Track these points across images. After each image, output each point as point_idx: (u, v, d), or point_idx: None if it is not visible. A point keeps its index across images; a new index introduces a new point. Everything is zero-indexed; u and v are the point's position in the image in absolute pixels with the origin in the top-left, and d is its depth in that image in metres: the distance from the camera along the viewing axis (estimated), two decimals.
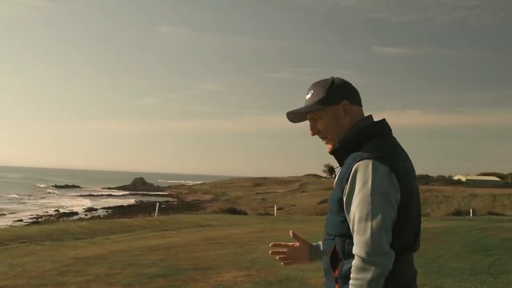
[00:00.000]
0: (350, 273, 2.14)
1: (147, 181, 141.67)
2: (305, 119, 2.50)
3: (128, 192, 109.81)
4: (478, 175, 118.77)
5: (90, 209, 61.56)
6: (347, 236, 2.20)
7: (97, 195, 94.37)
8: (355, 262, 2.12)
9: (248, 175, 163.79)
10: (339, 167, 2.38)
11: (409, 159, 2.37)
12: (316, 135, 2.46)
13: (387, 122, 2.43)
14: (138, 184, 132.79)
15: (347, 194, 2.18)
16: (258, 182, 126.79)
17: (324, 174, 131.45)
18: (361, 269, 2.08)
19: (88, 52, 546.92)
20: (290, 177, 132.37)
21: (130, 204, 74.22)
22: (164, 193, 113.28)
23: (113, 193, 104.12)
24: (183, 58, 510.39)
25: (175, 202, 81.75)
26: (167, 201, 79.01)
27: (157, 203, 28.66)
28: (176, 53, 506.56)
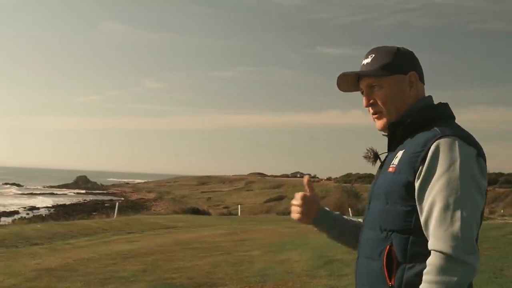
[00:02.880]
0: (415, 280, 1.69)
1: (91, 179, 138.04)
2: (357, 89, 2.09)
3: (71, 191, 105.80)
4: None
5: (32, 208, 58.90)
6: (413, 232, 1.74)
7: (39, 194, 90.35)
8: (434, 260, 1.62)
9: (193, 174, 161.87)
10: (386, 153, 2.03)
11: None
12: (370, 108, 2.03)
13: (449, 107, 2.00)
14: (81, 183, 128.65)
15: (423, 177, 1.73)
16: (203, 180, 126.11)
17: (268, 172, 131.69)
18: (445, 270, 1.59)
19: (29, 47, 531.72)
20: (235, 175, 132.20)
21: (73, 203, 71.70)
22: (108, 191, 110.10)
23: (55, 192, 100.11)
24: (126, 55, 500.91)
25: (120, 201, 79.30)
26: (111, 200, 76.66)
27: (116, 203, 26.43)
28: (119, 50, 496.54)
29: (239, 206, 35.94)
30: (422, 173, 1.75)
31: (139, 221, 21.88)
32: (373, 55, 2.05)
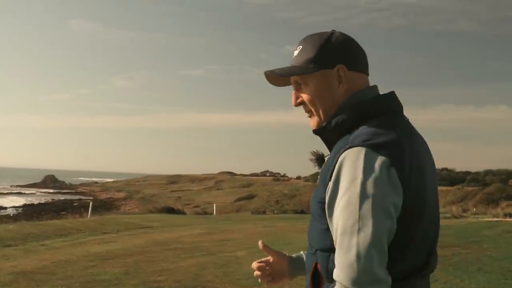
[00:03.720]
0: None
1: (60, 178, 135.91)
2: (289, 83, 1.87)
3: (39, 190, 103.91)
4: None
5: None
6: (332, 250, 1.57)
7: (6, 193, 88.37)
8: None
9: (162, 173, 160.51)
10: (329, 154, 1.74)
11: (426, 148, 1.72)
12: (301, 107, 1.83)
13: (396, 96, 1.76)
14: (49, 182, 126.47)
15: (330, 195, 1.55)
16: (173, 179, 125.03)
17: (237, 171, 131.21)
18: None
19: None
20: (205, 174, 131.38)
21: (41, 202, 70.70)
22: (77, 191, 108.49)
23: (23, 191, 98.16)
24: (96, 53, 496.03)
25: (88, 200, 78.19)
26: (80, 199, 75.68)
27: (90, 203, 25.67)
28: (88, 48, 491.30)
29: (214, 205, 35.38)
30: (329, 191, 1.57)
31: (114, 221, 21.24)
32: (300, 47, 1.83)
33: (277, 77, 1.88)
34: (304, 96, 1.80)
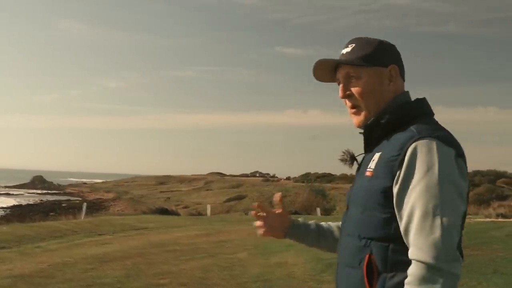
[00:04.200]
0: None
1: (47, 179, 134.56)
2: (333, 79, 1.97)
3: (27, 191, 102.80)
4: None
5: None
6: (393, 239, 1.66)
7: None
8: (415, 270, 1.55)
9: (151, 173, 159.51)
10: (362, 154, 1.95)
11: None
12: (346, 100, 1.92)
13: (427, 101, 1.91)
14: (38, 183, 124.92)
15: (402, 183, 1.65)
16: (162, 180, 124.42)
17: (226, 171, 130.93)
18: (427, 280, 1.52)
19: None
20: (194, 175, 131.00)
21: (30, 203, 69.71)
22: (65, 191, 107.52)
23: (11, 192, 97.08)
24: (86, 54, 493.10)
25: (77, 201, 77.58)
26: (69, 200, 75.06)
27: (84, 204, 25.26)
28: (79, 49, 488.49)
29: (208, 206, 35.10)
30: (400, 179, 1.66)
31: (108, 222, 20.92)
32: (354, 45, 1.93)
33: (325, 70, 1.97)
34: (355, 89, 1.88)
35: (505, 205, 34.89)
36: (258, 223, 2.20)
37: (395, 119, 1.82)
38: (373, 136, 1.88)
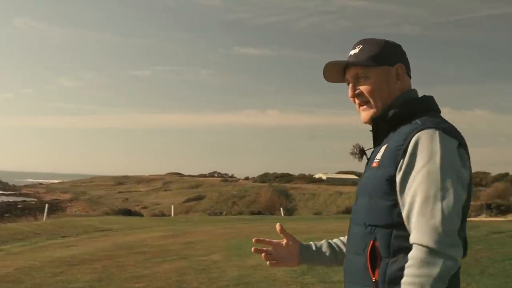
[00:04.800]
0: (398, 275, 1.67)
1: (2, 180, 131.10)
2: (343, 80, 2.07)
3: None
4: (337, 173, 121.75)
5: None
6: (396, 226, 1.73)
7: None
8: (416, 253, 1.61)
9: (109, 174, 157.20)
10: (371, 148, 2.02)
11: None
12: (355, 99, 2.01)
13: (434, 99, 1.99)
14: None
15: (405, 170, 1.72)
16: (120, 181, 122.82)
17: (185, 172, 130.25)
18: (426, 263, 1.58)
19: None
20: (153, 175, 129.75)
21: None
22: (21, 192, 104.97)
23: None
24: (42, 52, 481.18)
25: (33, 202, 75.85)
26: (24, 201, 73.35)
27: (46, 205, 24.54)
28: (34, 47, 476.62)
29: (172, 206, 34.61)
30: (403, 166, 1.72)
31: (71, 224, 20.37)
32: (361, 46, 2.02)
33: (335, 71, 2.05)
34: (364, 88, 1.97)
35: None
36: (265, 256, 2.21)
37: (401, 113, 1.89)
38: (380, 130, 1.96)
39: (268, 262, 2.21)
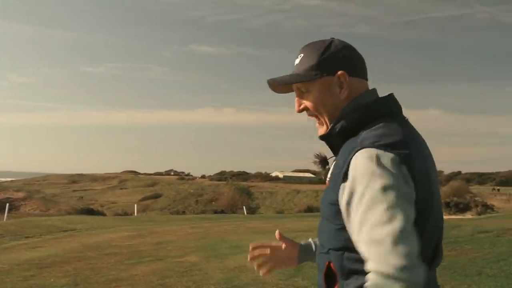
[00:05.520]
0: None
1: None
2: (291, 90, 1.94)
3: None
4: (293, 171, 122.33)
5: None
6: (346, 249, 1.66)
7: None
8: (372, 278, 1.47)
9: (63, 172, 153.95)
10: (334, 157, 1.86)
11: (426, 146, 1.80)
12: (304, 113, 1.90)
13: (395, 98, 1.84)
14: None
15: (347, 194, 1.60)
16: (74, 179, 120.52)
17: (141, 170, 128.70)
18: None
19: None
20: (108, 173, 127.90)
21: None
22: None
23: None
24: None
25: None
26: None
27: (7, 204, 23.65)
28: None
29: (135, 205, 33.94)
30: (346, 190, 1.60)
31: (33, 224, 19.67)
32: (302, 55, 1.88)
33: (278, 86, 1.92)
34: (307, 103, 1.86)
35: None
36: (259, 262, 2.12)
37: (349, 125, 1.76)
38: (333, 143, 1.83)
39: (261, 272, 2.12)
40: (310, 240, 2.17)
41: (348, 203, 1.59)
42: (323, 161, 1.99)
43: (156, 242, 14.45)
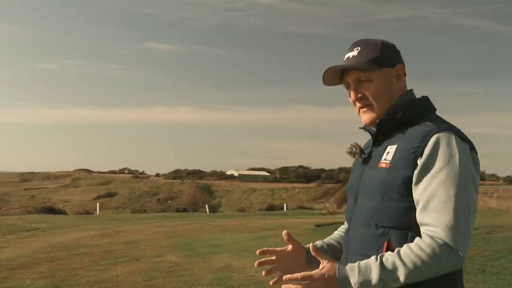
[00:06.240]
0: None
1: None
2: (340, 83, 2.03)
3: None
4: (248, 170, 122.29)
5: None
6: (411, 228, 1.72)
7: None
8: (431, 243, 1.61)
9: (14, 170, 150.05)
10: (369, 148, 2.02)
11: None
12: (356, 102, 1.97)
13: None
14: None
15: (423, 170, 1.71)
16: (26, 177, 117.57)
17: (94, 168, 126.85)
18: (436, 255, 1.60)
19: None
20: (60, 172, 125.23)
21: None
22: None
23: None
24: None
25: None
26: None
27: None
28: None
29: (97, 204, 33.10)
30: (421, 166, 1.71)
31: None
32: (359, 48, 1.97)
33: (334, 75, 1.99)
34: (368, 91, 1.92)
35: None
36: (266, 270, 2.05)
37: (405, 115, 1.88)
38: (384, 130, 1.92)
39: (270, 282, 2.01)
40: (317, 242, 2.15)
41: (423, 177, 1.70)
42: (360, 151, 2.04)
43: (125, 241, 14.03)
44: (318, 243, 2.15)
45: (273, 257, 2.03)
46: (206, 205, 31.53)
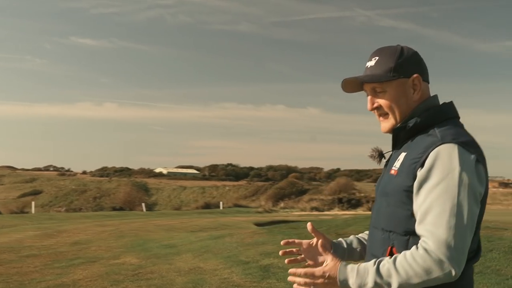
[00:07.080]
0: None
1: None
2: (361, 89, 2.07)
3: None
4: (177, 167, 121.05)
5: None
6: (412, 234, 1.78)
7: None
8: (425, 255, 1.64)
9: None
10: (390, 152, 2.07)
11: None
12: (374, 111, 2.03)
13: (454, 105, 2.00)
14: None
15: (421, 182, 1.75)
16: None
17: (18, 165, 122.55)
18: (428, 268, 1.63)
19: None
20: None
21: None
22: None
23: None
24: None
25: None
26: None
27: None
28: None
29: (33, 203, 31.80)
30: (420, 178, 1.74)
31: None
32: (377, 58, 2.00)
33: (352, 84, 2.04)
34: (382, 102, 1.97)
35: (316, 199, 36.29)
36: (289, 259, 2.17)
37: (420, 123, 1.88)
38: (399, 138, 1.96)
39: (286, 260, 2.18)
40: (340, 239, 2.20)
41: (422, 189, 1.72)
42: (380, 155, 2.11)
43: (72, 242, 13.45)
44: (348, 238, 2.24)
45: (299, 248, 2.13)
46: (143, 204, 30.85)
